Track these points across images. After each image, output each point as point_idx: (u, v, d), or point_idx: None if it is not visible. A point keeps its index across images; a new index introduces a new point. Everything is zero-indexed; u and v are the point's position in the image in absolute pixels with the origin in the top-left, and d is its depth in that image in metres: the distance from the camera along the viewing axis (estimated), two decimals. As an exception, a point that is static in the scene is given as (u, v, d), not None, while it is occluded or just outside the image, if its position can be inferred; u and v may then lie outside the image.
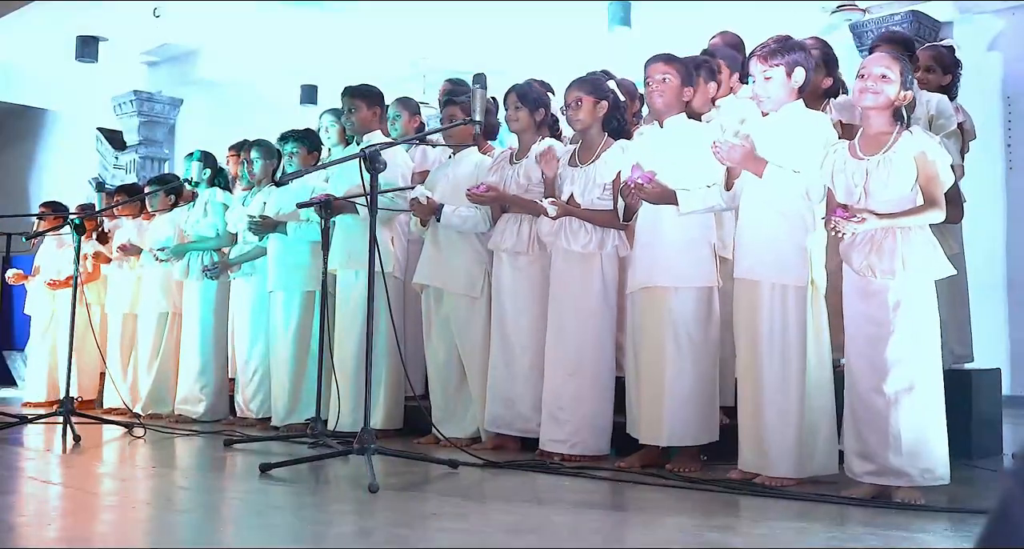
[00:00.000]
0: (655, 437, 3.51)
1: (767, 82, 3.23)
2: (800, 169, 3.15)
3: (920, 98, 3.81)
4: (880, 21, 7.39)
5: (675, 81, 3.56)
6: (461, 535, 2.36)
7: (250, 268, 5.26)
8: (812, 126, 3.23)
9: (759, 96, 3.28)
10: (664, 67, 3.57)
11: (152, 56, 9.77)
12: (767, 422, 3.16)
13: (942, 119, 3.87)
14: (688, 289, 3.50)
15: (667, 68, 3.57)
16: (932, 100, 3.91)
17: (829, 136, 3.22)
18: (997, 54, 7.33)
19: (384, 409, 4.56)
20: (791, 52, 3.23)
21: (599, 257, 3.82)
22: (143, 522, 2.60)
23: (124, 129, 10.64)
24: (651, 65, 3.61)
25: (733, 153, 3.20)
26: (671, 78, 3.56)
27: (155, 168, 10.32)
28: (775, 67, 3.22)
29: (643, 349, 3.58)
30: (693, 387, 3.48)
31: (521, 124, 4.12)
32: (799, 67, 3.23)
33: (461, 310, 4.28)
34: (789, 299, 3.17)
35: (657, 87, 3.57)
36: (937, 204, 2.90)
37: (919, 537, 2.45)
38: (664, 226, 3.54)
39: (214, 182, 5.62)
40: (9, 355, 8.97)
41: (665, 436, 3.48)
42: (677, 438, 3.48)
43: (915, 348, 2.90)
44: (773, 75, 3.22)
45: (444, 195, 4.31)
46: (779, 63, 3.22)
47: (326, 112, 5.36)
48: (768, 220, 3.21)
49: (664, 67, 3.57)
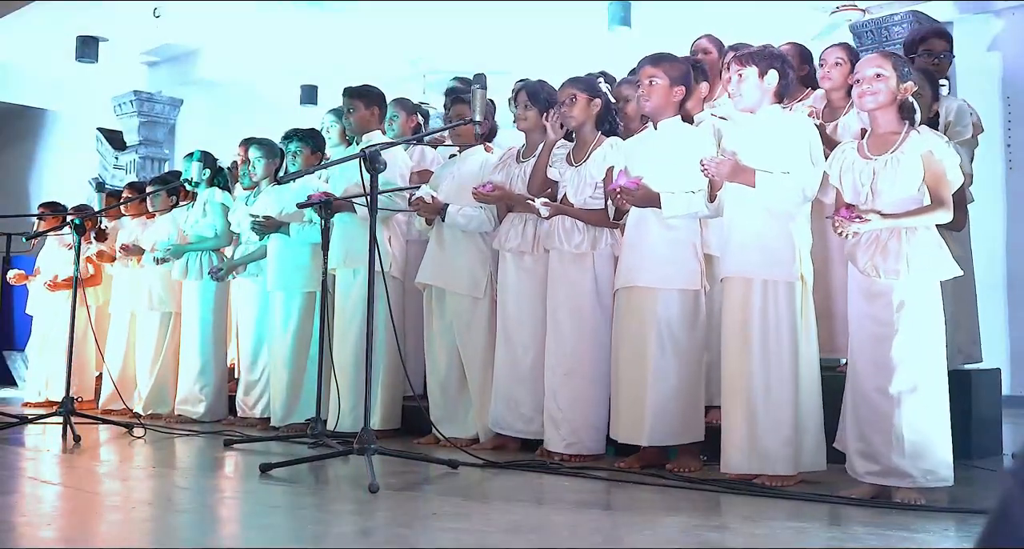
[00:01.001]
0: (635, 437, 3.51)
1: (740, 81, 3.30)
2: (789, 170, 3.17)
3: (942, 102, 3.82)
4: (880, 21, 7.38)
5: (663, 83, 3.56)
6: (461, 535, 2.36)
7: (256, 268, 5.26)
8: (792, 126, 3.28)
9: (733, 94, 3.35)
10: (651, 69, 3.57)
11: (152, 56, 9.77)
12: (759, 419, 3.16)
13: (959, 126, 3.88)
14: (671, 291, 3.51)
15: (654, 70, 3.57)
16: (952, 105, 3.93)
17: (811, 135, 3.26)
18: (997, 54, 7.33)
19: (383, 409, 4.56)
20: (765, 57, 3.30)
21: (592, 257, 3.82)
22: (143, 522, 2.60)
23: (124, 129, 10.64)
24: (640, 69, 3.64)
25: (722, 169, 3.22)
26: (658, 80, 3.56)
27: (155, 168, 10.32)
28: (748, 67, 3.28)
29: (624, 349, 3.59)
30: (676, 387, 3.48)
31: (530, 123, 4.12)
32: (772, 70, 3.28)
33: (463, 311, 4.28)
34: (780, 295, 3.19)
35: (645, 90, 3.59)
36: (944, 204, 2.89)
37: (919, 537, 2.45)
38: (650, 227, 3.55)
39: (214, 182, 5.62)
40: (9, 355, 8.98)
41: (646, 436, 3.48)
42: (658, 438, 3.49)
43: (919, 349, 2.89)
44: (746, 75, 3.28)
45: (449, 194, 4.31)
46: (752, 64, 3.28)
47: (328, 112, 5.37)
48: (756, 218, 3.23)
49: (651, 69, 3.57)
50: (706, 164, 3.25)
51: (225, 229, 5.51)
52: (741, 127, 3.40)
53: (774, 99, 3.31)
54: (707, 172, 3.26)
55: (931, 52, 4.14)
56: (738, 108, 3.38)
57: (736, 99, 3.34)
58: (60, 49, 8.92)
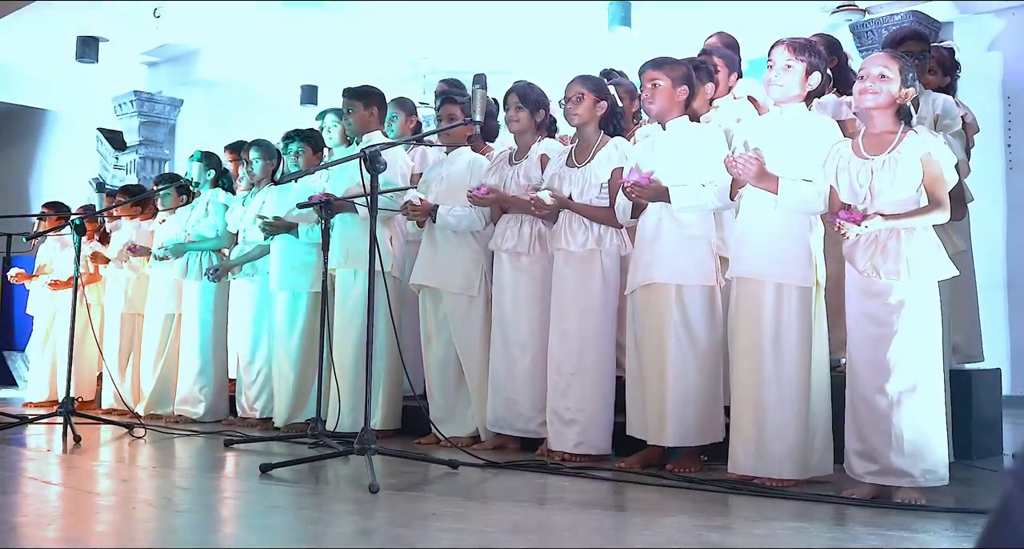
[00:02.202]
0: (660, 437, 3.51)
1: (787, 71, 3.23)
2: (812, 177, 3.13)
3: (926, 98, 3.82)
4: (880, 21, 7.39)
5: (666, 85, 3.56)
6: (461, 535, 2.36)
7: (251, 269, 5.26)
8: (817, 129, 3.23)
9: (772, 82, 3.26)
10: (653, 73, 3.58)
11: (152, 56, 9.77)
12: (768, 423, 3.16)
13: (947, 119, 3.88)
14: (690, 287, 3.50)
15: (656, 73, 3.57)
16: (938, 100, 3.93)
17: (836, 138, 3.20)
18: (997, 54, 7.33)
19: (383, 409, 4.56)
20: (817, 56, 3.25)
21: (599, 256, 3.82)
22: (144, 522, 2.60)
23: (124, 129, 10.64)
24: (642, 73, 3.63)
25: (748, 169, 3.15)
26: (661, 82, 3.56)
27: (155, 169, 10.32)
28: (800, 61, 3.22)
29: (644, 347, 3.57)
30: (697, 387, 3.47)
31: (522, 125, 4.13)
32: (817, 72, 3.24)
33: (459, 310, 4.28)
34: (793, 299, 3.17)
35: (648, 94, 3.59)
36: (942, 205, 2.90)
37: (919, 537, 2.45)
38: (665, 225, 3.54)
39: (218, 182, 5.62)
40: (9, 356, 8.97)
41: (668, 436, 3.47)
42: (679, 438, 3.48)
43: (918, 349, 2.89)
44: (795, 67, 3.22)
45: (439, 195, 4.32)
46: (804, 59, 3.22)
47: (329, 112, 5.37)
48: (773, 220, 3.20)
49: (653, 73, 3.58)
50: (735, 160, 3.17)
51: (226, 229, 5.51)
52: (765, 125, 3.33)
53: (803, 97, 3.26)
54: (733, 170, 3.20)
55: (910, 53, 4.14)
56: (771, 97, 3.30)
57: (773, 88, 3.26)
58: (60, 49, 8.92)
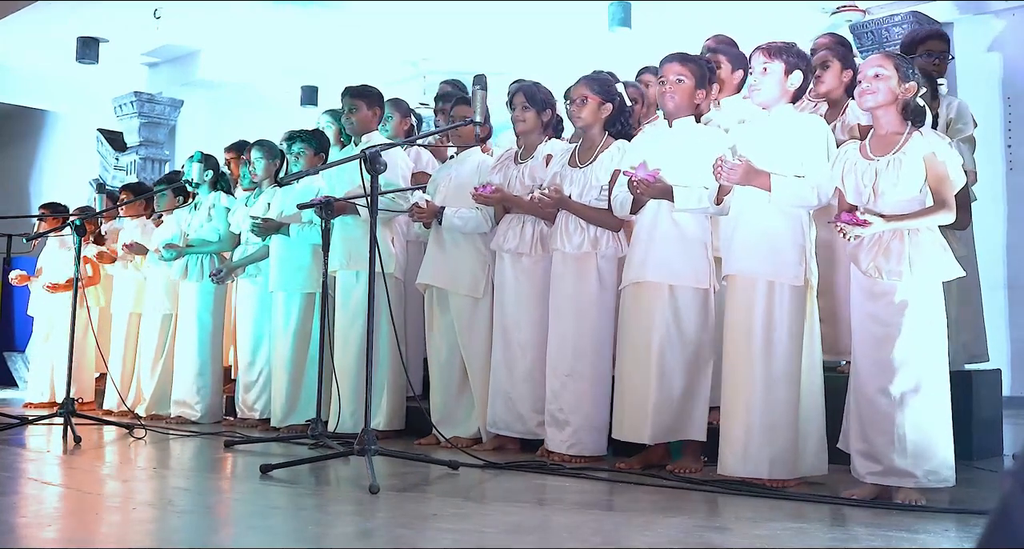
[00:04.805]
0: (638, 435, 3.50)
1: (764, 74, 3.24)
2: (803, 172, 3.14)
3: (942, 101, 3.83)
4: (880, 21, 7.38)
5: (689, 83, 3.53)
6: (461, 536, 2.36)
7: (255, 270, 5.26)
8: (806, 127, 3.24)
9: (752, 87, 3.28)
10: (680, 68, 3.53)
11: (152, 57, 9.76)
12: (757, 423, 3.15)
13: (960, 123, 3.89)
14: (683, 288, 3.50)
15: (683, 69, 3.53)
16: (952, 103, 3.93)
17: (827, 135, 3.22)
18: (997, 54, 7.33)
19: (386, 410, 4.56)
20: (793, 55, 3.25)
21: (595, 257, 3.81)
22: (144, 523, 2.60)
23: (125, 130, 10.63)
24: (666, 65, 3.57)
25: (734, 174, 3.15)
26: (686, 79, 3.53)
27: (155, 169, 10.31)
28: (775, 61, 3.23)
29: (631, 343, 3.57)
30: (681, 386, 3.47)
31: (528, 125, 4.12)
32: (797, 70, 3.24)
33: (465, 311, 4.28)
34: (785, 298, 3.17)
35: (671, 87, 3.54)
36: (947, 205, 2.89)
37: (920, 538, 2.45)
38: (661, 224, 3.53)
39: (217, 185, 5.62)
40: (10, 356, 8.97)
41: (649, 434, 3.47)
42: (660, 435, 3.48)
43: (921, 349, 2.89)
44: (771, 69, 3.23)
45: (447, 196, 4.32)
46: (780, 60, 3.22)
47: (324, 113, 5.38)
48: (765, 218, 3.20)
49: (680, 68, 3.53)
50: (719, 167, 3.18)
51: (228, 233, 5.51)
52: (754, 127, 3.34)
53: (789, 97, 3.28)
54: (719, 175, 3.20)
55: (931, 53, 4.16)
56: (755, 102, 3.31)
57: (754, 92, 3.27)
58: (60, 50, 8.92)
